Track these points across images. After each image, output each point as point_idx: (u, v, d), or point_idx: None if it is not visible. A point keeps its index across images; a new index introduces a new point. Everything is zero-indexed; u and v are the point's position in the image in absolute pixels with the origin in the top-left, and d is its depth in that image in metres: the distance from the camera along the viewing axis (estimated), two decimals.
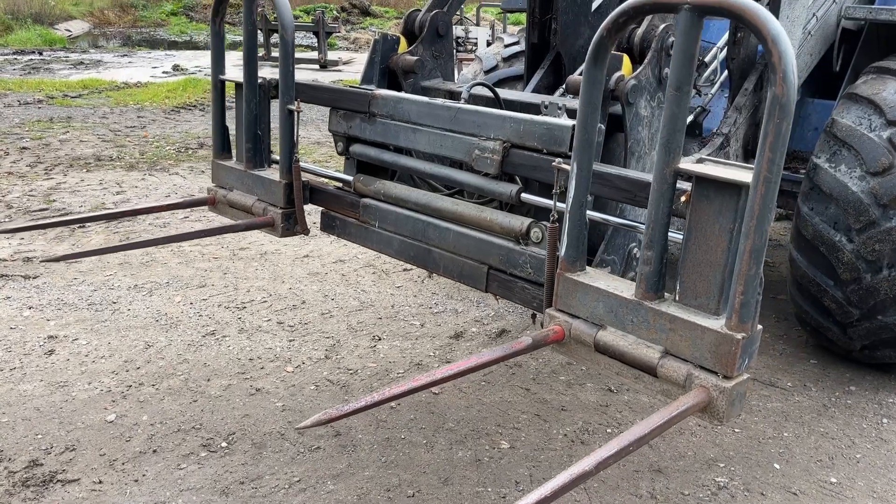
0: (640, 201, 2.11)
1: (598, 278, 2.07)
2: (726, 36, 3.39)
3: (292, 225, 2.96)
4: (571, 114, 2.66)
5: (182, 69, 13.55)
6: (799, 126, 4.36)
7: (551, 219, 2.17)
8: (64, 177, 6.82)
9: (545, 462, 2.96)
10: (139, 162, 7.38)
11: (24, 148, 7.74)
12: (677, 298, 1.91)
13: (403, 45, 3.37)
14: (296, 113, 2.84)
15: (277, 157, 3.01)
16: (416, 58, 3.29)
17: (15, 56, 14.84)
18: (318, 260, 4.97)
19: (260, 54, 15.02)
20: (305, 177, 3.02)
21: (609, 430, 3.19)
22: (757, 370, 3.75)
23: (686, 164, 1.85)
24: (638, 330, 1.92)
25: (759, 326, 1.81)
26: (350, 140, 3.16)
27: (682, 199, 1.90)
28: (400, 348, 3.83)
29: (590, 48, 1.94)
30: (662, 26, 2.58)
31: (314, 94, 3.04)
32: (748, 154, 3.38)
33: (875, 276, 3.33)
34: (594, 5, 4.09)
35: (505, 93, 3.31)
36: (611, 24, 1.86)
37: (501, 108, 3.14)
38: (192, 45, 18.58)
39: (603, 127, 2.43)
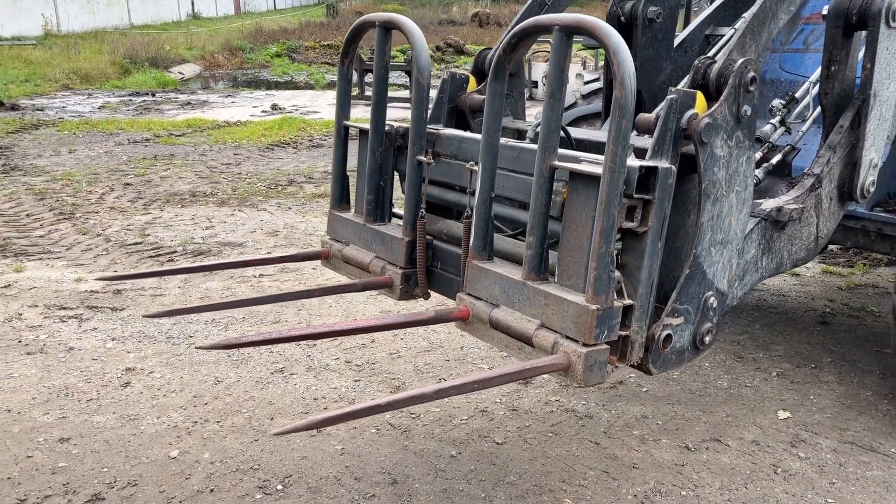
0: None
1: (498, 265, 2.36)
2: (819, 70, 3.16)
3: (412, 287, 2.71)
4: (639, 153, 2.53)
5: (280, 108, 14.06)
6: None
7: (465, 214, 2.49)
8: (160, 212, 7.12)
9: None
10: (230, 198, 7.63)
11: (127, 184, 8.16)
12: (556, 280, 2.20)
13: (472, 83, 3.31)
14: (426, 165, 2.67)
15: (399, 212, 2.84)
16: (484, 96, 3.22)
17: (130, 97, 15.82)
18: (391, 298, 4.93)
19: (354, 93, 15.41)
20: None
21: (683, 493, 2.95)
22: (856, 433, 3.41)
23: (561, 161, 2.18)
24: (523, 307, 2.22)
25: (619, 303, 2.10)
26: None
27: (563, 192, 2.20)
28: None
29: (491, 67, 2.28)
30: (741, 61, 2.41)
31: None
32: (843, 197, 3.12)
33: None
34: (677, 40, 3.93)
35: (576, 131, 3.20)
36: (506, 45, 2.22)
37: (572, 147, 3.03)
38: (291, 85, 19.30)
39: (674, 168, 2.28)
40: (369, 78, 14.98)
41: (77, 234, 6.42)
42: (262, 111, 13.79)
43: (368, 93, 15.18)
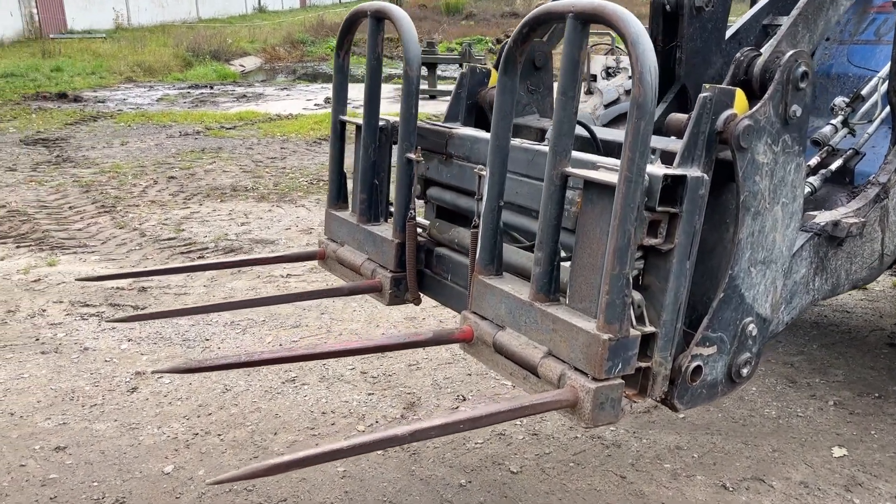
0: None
1: (507, 282, 2.11)
2: (889, 64, 2.77)
3: (402, 292, 2.58)
4: (667, 158, 2.22)
5: None
6: None
7: (473, 223, 2.23)
8: (199, 206, 7.05)
9: None
10: (271, 193, 7.52)
11: (171, 177, 8.15)
12: (568, 301, 1.94)
13: (495, 77, 3.05)
14: (415, 163, 2.51)
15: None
16: None
17: (189, 90, 16.02)
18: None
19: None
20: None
21: None
22: None
23: (575, 167, 1.92)
24: (529, 331, 1.97)
25: (636, 332, 1.81)
26: (428, 182, 2.89)
27: (579, 202, 1.92)
28: None
29: (501, 60, 2.02)
30: (790, 53, 2.08)
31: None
32: None
33: None
34: (731, 31, 3.57)
35: (603, 132, 2.90)
36: (516, 35, 1.97)
37: (598, 150, 2.75)
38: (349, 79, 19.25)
39: (706, 177, 1.98)
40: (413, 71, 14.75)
41: (115, 227, 6.39)
42: (315, 104, 13.74)
43: (422, 86, 15.07)
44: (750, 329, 2.17)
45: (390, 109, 12.84)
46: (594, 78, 15.23)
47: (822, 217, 2.53)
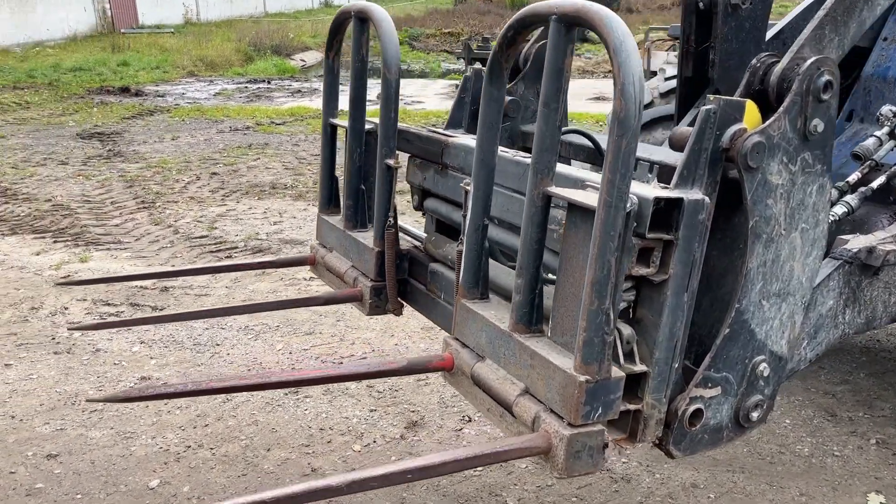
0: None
1: (491, 307, 1.95)
2: None
3: (383, 302, 2.50)
4: (665, 175, 1.98)
5: None
6: None
7: (458, 242, 2.08)
8: (236, 203, 7.04)
9: None
10: (309, 191, 7.46)
11: (214, 173, 8.18)
12: (549, 333, 1.78)
13: None
14: (395, 169, 2.42)
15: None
16: (511, 97, 2.76)
17: (247, 84, 16.20)
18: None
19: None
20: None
21: None
22: None
23: (562, 186, 1.76)
24: (508, 364, 1.82)
25: (619, 373, 1.64)
26: (425, 193, 2.73)
27: (563, 224, 1.75)
28: (488, 436, 3.24)
29: (486, 67, 1.90)
30: (811, 61, 1.83)
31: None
32: None
33: None
34: (773, 31, 3.28)
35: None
36: (502, 39, 1.85)
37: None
38: (405, 74, 19.22)
39: (707, 200, 1.75)
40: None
41: (150, 224, 6.42)
42: (367, 100, 13.68)
43: None
44: (761, 369, 1.93)
45: (443, 106, 12.68)
46: (654, 74, 14.64)
47: (856, 242, 2.26)
